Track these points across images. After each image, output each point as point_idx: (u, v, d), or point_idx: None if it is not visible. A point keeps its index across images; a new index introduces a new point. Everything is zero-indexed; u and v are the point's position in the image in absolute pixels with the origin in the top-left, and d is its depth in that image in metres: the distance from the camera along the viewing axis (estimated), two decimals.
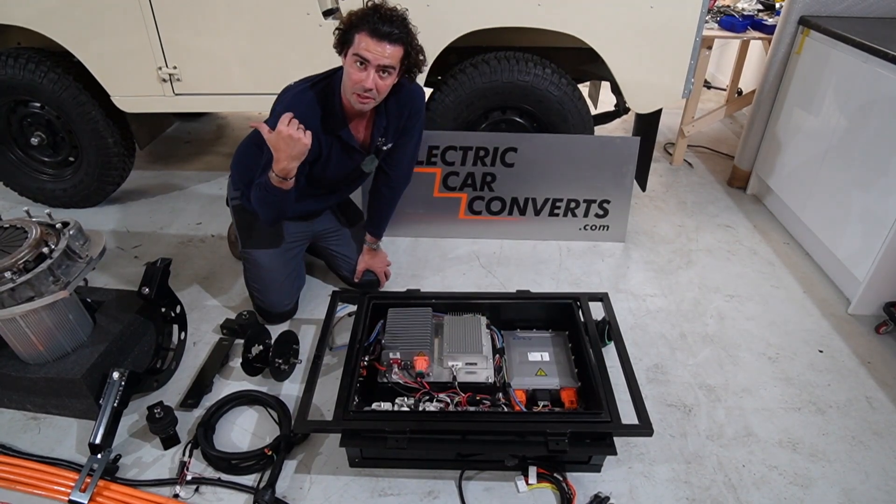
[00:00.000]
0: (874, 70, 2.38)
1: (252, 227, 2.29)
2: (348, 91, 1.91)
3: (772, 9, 3.51)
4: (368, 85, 1.86)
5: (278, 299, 2.32)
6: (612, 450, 1.66)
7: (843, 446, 1.87)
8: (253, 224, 2.28)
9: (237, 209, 2.34)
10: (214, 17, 2.54)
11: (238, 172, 2.30)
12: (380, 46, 1.82)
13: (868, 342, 2.30)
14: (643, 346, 2.27)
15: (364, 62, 1.84)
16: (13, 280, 1.67)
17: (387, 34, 1.82)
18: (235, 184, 2.31)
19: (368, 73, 1.84)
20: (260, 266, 2.28)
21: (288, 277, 2.33)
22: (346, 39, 1.86)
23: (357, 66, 1.85)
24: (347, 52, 1.86)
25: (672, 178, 3.58)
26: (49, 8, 2.55)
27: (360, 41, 1.82)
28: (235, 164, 2.32)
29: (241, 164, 2.29)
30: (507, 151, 2.72)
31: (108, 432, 1.74)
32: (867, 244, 2.34)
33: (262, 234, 2.28)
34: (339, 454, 1.80)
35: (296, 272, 2.39)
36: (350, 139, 2.05)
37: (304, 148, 1.81)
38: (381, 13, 1.82)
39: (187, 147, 3.98)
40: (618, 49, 2.53)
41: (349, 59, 1.86)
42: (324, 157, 2.04)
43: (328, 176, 2.14)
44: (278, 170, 1.85)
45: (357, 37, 1.83)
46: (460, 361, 1.90)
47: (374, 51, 1.82)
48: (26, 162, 3.08)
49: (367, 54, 1.82)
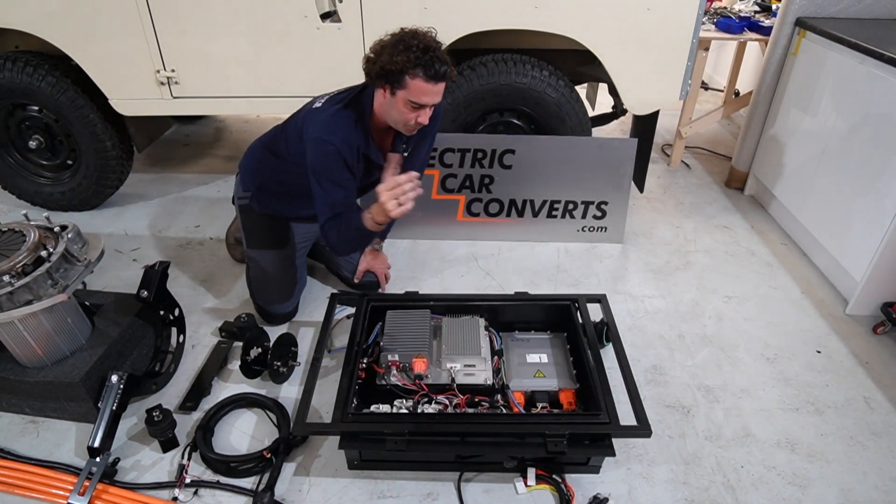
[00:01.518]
0: (870, 71, 2.38)
1: (257, 229, 2.29)
2: (398, 124, 1.91)
3: (768, 10, 3.52)
4: (424, 122, 1.89)
5: (280, 301, 2.33)
6: (610, 451, 1.66)
7: (842, 446, 1.88)
8: (258, 225, 2.28)
9: (244, 209, 2.30)
10: (212, 19, 2.54)
11: (249, 174, 2.27)
12: (436, 88, 1.81)
13: (866, 342, 2.30)
14: (641, 348, 2.27)
15: (422, 105, 1.83)
16: (11, 284, 1.67)
17: (442, 74, 1.79)
18: (245, 184, 2.28)
19: (425, 112, 1.86)
20: (264, 267, 2.28)
21: (291, 279, 2.34)
22: (395, 81, 1.79)
23: (411, 106, 1.83)
24: (397, 92, 1.81)
25: (670, 179, 3.58)
26: (47, 11, 2.55)
27: (416, 87, 1.78)
28: (246, 166, 2.28)
29: (254, 169, 2.26)
30: (505, 153, 2.72)
31: (107, 435, 1.74)
32: (865, 244, 2.35)
33: (268, 236, 2.28)
34: (338, 456, 1.80)
35: (298, 274, 2.39)
36: (378, 158, 2.05)
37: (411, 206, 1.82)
38: (433, 54, 1.76)
39: (185, 150, 3.98)
40: (615, 51, 2.54)
41: (402, 103, 1.83)
42: (361, 171, 2.04)
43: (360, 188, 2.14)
44: (382, 219, 1.85)
45: (411, 82, 1.77)
46: (459, 363, 1.90)
47: (431, 93, 1.81)
48: (24, 165, 3.08)
49: (425, 99, 1.81)
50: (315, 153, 1.93)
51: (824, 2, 2.84)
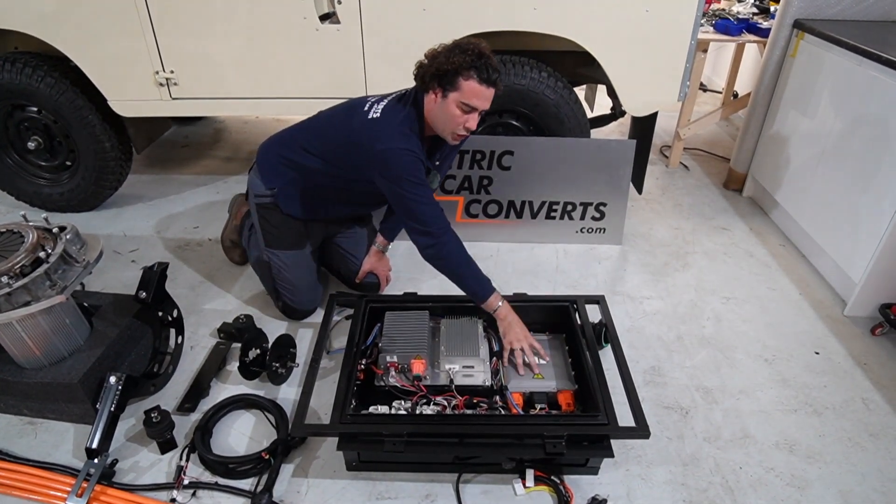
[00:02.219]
0: (868, 73, 2.39)
1: (280, 228, 2.26)
2: (446, 129, 1.93)
3: (766, 12, 3.53)
4: (473, 126, 1.91)
5: (310, 297, 2.37)
6: (609, 452, 1.66)
7: (840, 448, 1.88)
8: (281, 224, 2.26)
9: (265, 207, 2.24)
10: (212, 21, 2.54)
11: (273, 174, 2.21)
12: (487, 92, 1.84)
13: (864, 344, 2.31)
14: (640, 349, 2.27)
15: (472, 109, 1.86)
16: (10, 285, 1.67)
17: (494, 80, 1.83)
18: (268, 182, 2.21)
19: (474, 116, 1.89)
20: (290, 266, 2.29)
21: (316, 276, 2.39)
22: (450, 83, 1.82)
23: (462, 109, 1.85)
24: (448, 94, 1.84)
25: (668, 180, 3.59)
26: (46, 12, 2.55)
27: (469, 88, 1.81)
28: (267, 165, 2.23)
29: (278, 170, 2.20)
30: (504, 155, 2.73)
31: (105, 437, 1.74)
32: (863, 246, 2.35)
33: (291, 235, 2.28)
34: (336, 458, 1.80)
35: (319, 270, 2.45)
36: (430, 164, 2.06)
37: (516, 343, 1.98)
38: (488, 59, 1.81)
39: (184, 151, 3.98)
40: (614, 52, 2.54)
41: (453, 104, 1.85)
42: None
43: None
44: (502, 316, 2.00)
45: (464, 83, 1.81)
46: (457, 364, 1.90)
47: (483, 97, 1.84)
48: (23, 166, 3.07)
49: (476, 102, 1.84)
50: (400, 166, 1.91)
51: (822, 4, 2.85)
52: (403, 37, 2.52)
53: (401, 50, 2.55)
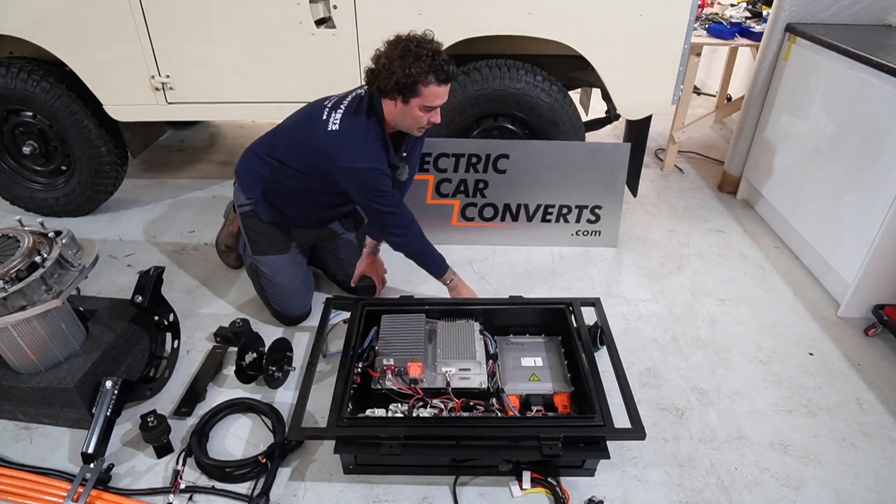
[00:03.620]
0: (860, 76, 2.41)
1: (262, 235, 2.29)
2: (411, 128, 2.00)
3: (759, 16, 3.55)
4: (437, 121, 1.99)
5: (297, 303, 2.36)
6: (605, 454, 1.67)
7: (834, 448, 1.89)
8: (264, 232, 2.28)
9: (248, 216, 2.29)
10: (207, 25, 2.55)
11: (250, 182, 2.24)
12: (446, 89, 1.92)
13: (858, 344, 2.32)
14: (636, 351, 2.28)
15: (434, 107, 1.93)
16: (5, 289, 1.66)
17: (451, 76, 1.89)
18: (246, 191, 2.25)
19: (436, 113, 1.96)
20: (275, 272, 2.29)
21: (303, 280, 2.37)
22: (411, 91, 1.86)
23: (425, 111, 1.92)
24: (410, 100, 1.89)
25: (663, 183, 3.61)
26: (41, 17, 2.55)
27: (430, 93, 1.87)
28: (244, 173, 2.27)
29: (253, 177, 2.23)
30: (500, 158, 2.74)
31: (101, 441, 1.73)
32: (856, 247, 2.37)
33: (272, 241, 2.29)
34: (333, 461, 1.80)
35: (307, 274, 2.44)
36: (395, 161, 2.10)
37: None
38: (440, 59, 1.85)
39: (180, 155, 3.98)
40: (608, 56, 2.56)
41: (415, 108, 1.91)
42: None
43: None
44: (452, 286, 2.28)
45: (424, 89, 1.86)
46: (454, 367, 1.91)
47: (443, 95, 1.91)
48: (18, 171, 3.07)
49: (438, 102, 1.91)
50: (364, 180, 2.00)
51: (814, 8, 2.87)
52: None
53: None
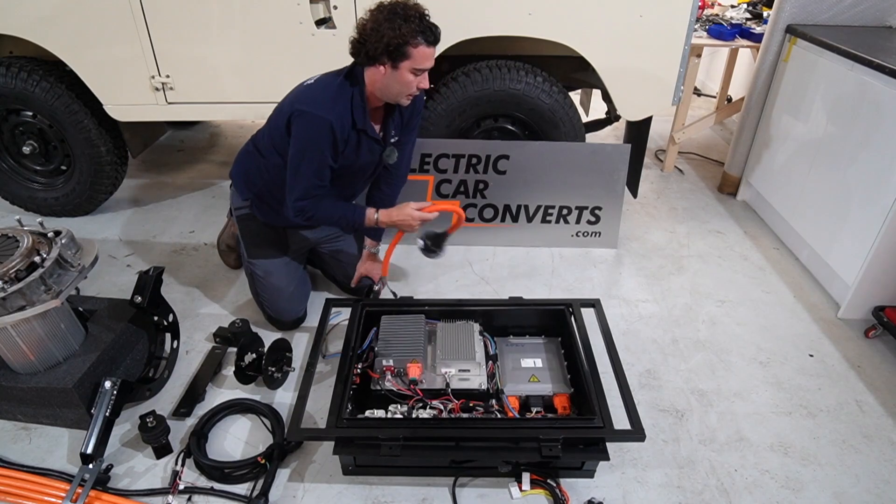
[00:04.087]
0: (860, 77, 2.41)
1: (258, 238, 2.29)
2: (400, 95, 1.96)
3: (759, 17, 3.55)
4: (426, 85, 1.97)
5: (289, 306, 2.34)
6: (604, 455, 1.66)
7: (834, 450, 1.89)
8: (259, 234, 2.28)
9: (245, 218, 2.29)
10: (208, 25, 2.55)
11: (243, 183, 2.25)
12: (433, 51, 1.91)
13: (858, 346, 2.32)
14: (635, 352, 2.28)
15: (424, 70, 1.91)
16: (4, 289, 1.66)
17: (438, 37, 1.90)
18: (242, 194, 2.26)
19: (425, 77, 1.95)
20: (268, 275, 2.28)
21: (297, 284, 2.35)
22: (401, 54, 1.85)
23: (415, 74, 1.90)
24: (400, 64, 1.87)
25: (663, 184, 3.61)
26: (41, 17, 2.55)
27: (420, 54, 1.86)
28: (238, 174, 2.27)
29: (245, 177, 2.24)
30: (500, 159, 2.74)
31: (100, 442, 1.73)
32: (856, 249, 2.37)
33: (268, 244, 2.29)
34: (332, 462, 1.80)
35: (303, 279, 2.41)
36: (373, 132, 2.08)
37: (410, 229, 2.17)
38: (427, 20, 1.87)
39: (180, 155, 3.98)
40: (608, 57, 2.56)
41: (406, 72, 1.89)
42: (350, 151, 2.05)
43: (355, 170, 2.15)
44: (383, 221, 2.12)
45: (414, 51, 1.85)
46: (453, 368, 1.90)
47: (432, 57, 1.91)
48: (18, 171, 3.07)
49: (427, 64, 1.90)
50: (305, 127, 1.94)
51: (814, 9, 2.87)
52: None
53: None
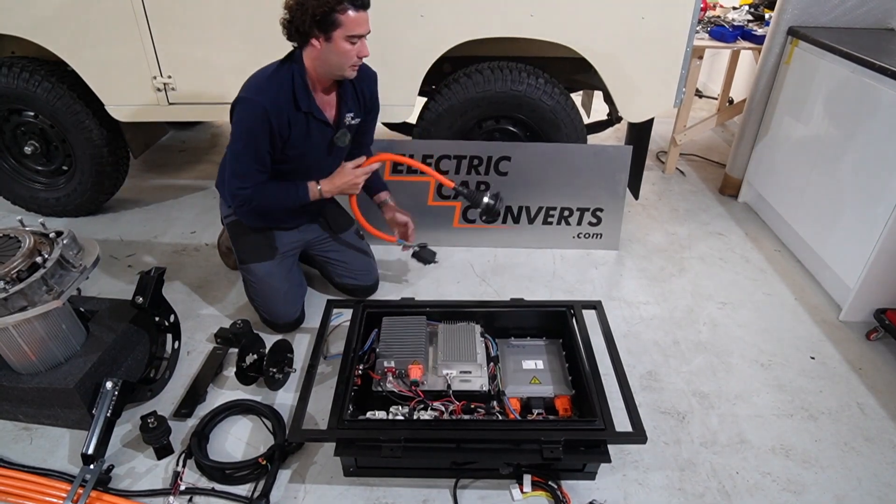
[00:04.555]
0: (861, 80, 2.41)
1: (248, 242, 2.30)
2: (343, 66, 1.94)
3: (761, 19, 3.55)
4: (366, 53, 1.94)
5: (284, 309, 2.33)
6: (606, 457, 1.66)
7: (836, 452, 1.89)
8: (248, 239, 2.29)
9: (233, 225, 2.33)
10: (209, 26, 2.55)
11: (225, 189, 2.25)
12: (365, 15, 1.88)
13: (859, 348, 2.32)
14: (637, 354, 2.28)
15: (359, 37, 1.89)
16: (6, 290, 1.66)
17: (367, 2, 1.87)
18: (227, 200, 2.26)
19: (363, 43, 1.92)
20: (260, 279, 2.28)
21: (290, 286, 2.34)
22: (330, 23, 1.84)
23: (351, 42, 1.88)
24: (332, 35, 1.86)
25: (664, 186, 3.60)
26: (43, 17, 2.55)
27: (350, 20, 1.84)
28: (221, 182, 2.27)
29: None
30: (501, 160, 2.74)
31: (101, 442, 1.73)
32: (857, 251, 2.37)
33: (258, 248, 2.29)
34: (333, 463, 1.80)
35: (296, 280, 2.40)
36: (320, 114, 2.07)
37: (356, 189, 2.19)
38: None
39: (181, 156, 3.98)
40: (610, 59, 2.56)
41: (341, 41, 1.87)
42: (295, 136, 2.05)
43: (309, 156, 2.14)
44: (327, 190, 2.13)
45: (343, 17, 1.83)
46: (455, 370, 1.90)
47: (365, 22, 1.88)
48: (19, 171, 3.07)
49: (361, 29, 1.87)
50: (240, 113, 1.96)
51: (816, 11, 2.87)
52: (401, 43, 2.53)
53: (398, 56, 2.56)
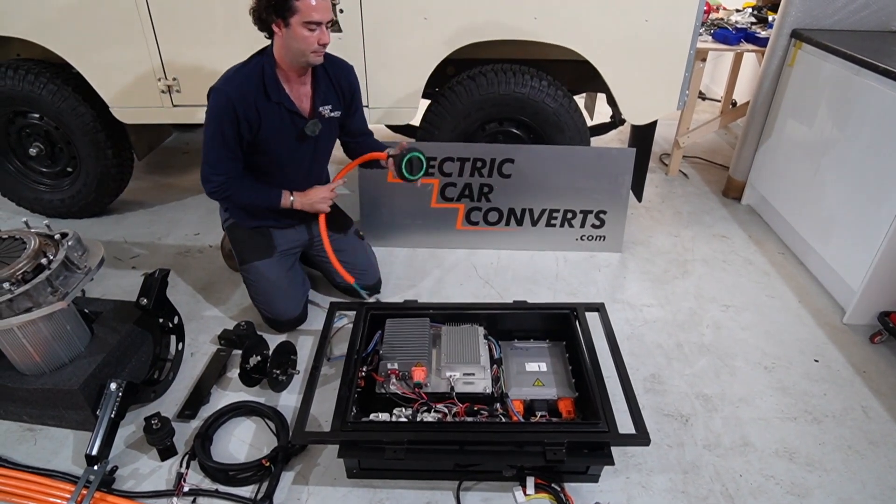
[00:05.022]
0: (865, 82, 2.41)
1: (246, 242, 2.32)
2: (305, 54, 1.97)
3: (764, 22, 3.55)
4: (326, 40, 1.96)
5: (285, 307, 2.34)
6: (609, 460, 1.66)
7: (840, 456, 1.88)
8: (246, 240, 2.32)
9: (231, 228, 2.37)
10: (213, 29, 2.56)
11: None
12: (324, 2, 1.89)
13: (863, 351, 2.31)
14: (640, 356, 2.28)
15: (317, 24, 1.90)
16: (11, 291, 1.67)
17: None
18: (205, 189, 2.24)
19: (322, 31, 1.93)
20: (260, 277, 2.29)
21: (291, 284, 2.35)
22: (286, 9, 1.87)
23: (309, 28, 1.90)
24: (290, 21, 1.89)
25: (668, 188, 3.60)
26: (49, 20, 2.56)
27: (306, 6, 1.86)
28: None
29: None
30: (505, 162, 2.74)
31: (105, 443, 1.74)
32: (861, 254, 2.36)
33: (256, 248, 2.30)
34: (336, 465, 1.80)
35: (298, 278, 2.41)
36: (291, 105, 2.10)
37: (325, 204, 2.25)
38: None
39: (185, 157, 3.99)
40: (613, 61, 2.56)
41: (299, 28, 1.90)
42: (266, 126, 2.08)
43: (277, 146, 2.15)
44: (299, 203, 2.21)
45: (297, 3, 1.86)
46: (458, 372, 1.90)
47: (322, 9, 1.89)
48: (24, 173, 3.09)
49: (318, 16, 1.89)
50: (209, 103, 2.03)
51: (820, 14, 2.87)
52: (405, 45, 2.54)
53: (402, 58, 2.57)
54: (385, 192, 2.82)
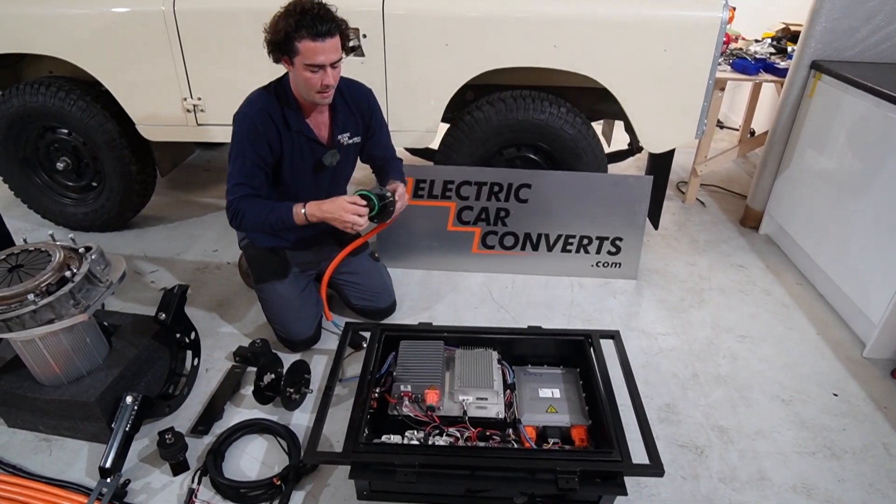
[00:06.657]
0: (886, 115, 2.40)
1: (261, 263, 2.35)
2: (310, 93, 1.99)
3: (783, 52, 3.56)
4: (329, 82, 1.95)
5: (298, 328, 2.35)
6: (622, 490, 1.64)
7: (860, 494, 1.84)
8: (262, 260, 2.35)
9: (247, 248, 2.41)
10: (238, 51, 2.62)
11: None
12: (326, 45, 1.87)
13: (884, 386, 2.27)
14: (655, 385, 2.25)
15: (319, 67, 1.90)
16: (35, 302, 1.70)
17: (327, 32, 1.85)
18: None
19: (326, 73, 1.93)
20: (275, 297, 2.31)
21: (304, 305, 2.36)
22: (289, 50, 1.88)
23: (312, 70, 1.91)
24: (293, 60, 1.91)
25: (685, 216, 3.59)
26: (80, 39, 2.65)
27: (306, 49, 1.86)
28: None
29: None
30: (521, 187, 2.75)
31: (119, 456, 1.75)
32: (882, 286, 2.33)
33: (271, 268, 2.34)
34: (347, 486, 1.79)
35: (311, 299, 2.42)
36: (310, 133, 2.12)
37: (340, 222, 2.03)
38: (313, 13, 1.84)
39: (206, 175, 4.06)
40: (632, 90, 2.58)
41: (301, 68, 1.91)
42: (288, 153, 2.11)
43: (295, 174, 2.18)
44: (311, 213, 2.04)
45: (300, 45, 1.86)
46: (471, 396, 1.90)
47: (324, 52, 1.87)
48: (51, 186, 3.16)
49: (321, 59, 1.88)
50: (235, 126, 2.07)
51: (840, 46, 2.87)
52: (426, 71, 2.58)
53: (423, 84, 2.61)
54: (401, 214, 2.83)
